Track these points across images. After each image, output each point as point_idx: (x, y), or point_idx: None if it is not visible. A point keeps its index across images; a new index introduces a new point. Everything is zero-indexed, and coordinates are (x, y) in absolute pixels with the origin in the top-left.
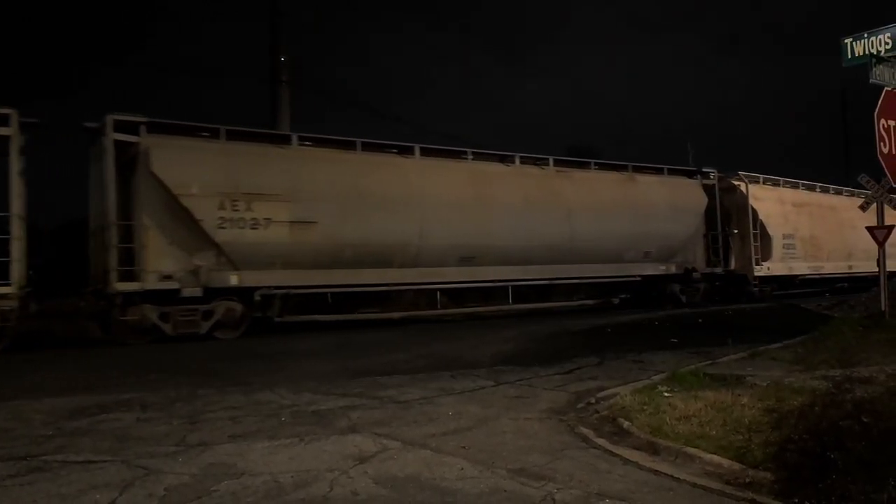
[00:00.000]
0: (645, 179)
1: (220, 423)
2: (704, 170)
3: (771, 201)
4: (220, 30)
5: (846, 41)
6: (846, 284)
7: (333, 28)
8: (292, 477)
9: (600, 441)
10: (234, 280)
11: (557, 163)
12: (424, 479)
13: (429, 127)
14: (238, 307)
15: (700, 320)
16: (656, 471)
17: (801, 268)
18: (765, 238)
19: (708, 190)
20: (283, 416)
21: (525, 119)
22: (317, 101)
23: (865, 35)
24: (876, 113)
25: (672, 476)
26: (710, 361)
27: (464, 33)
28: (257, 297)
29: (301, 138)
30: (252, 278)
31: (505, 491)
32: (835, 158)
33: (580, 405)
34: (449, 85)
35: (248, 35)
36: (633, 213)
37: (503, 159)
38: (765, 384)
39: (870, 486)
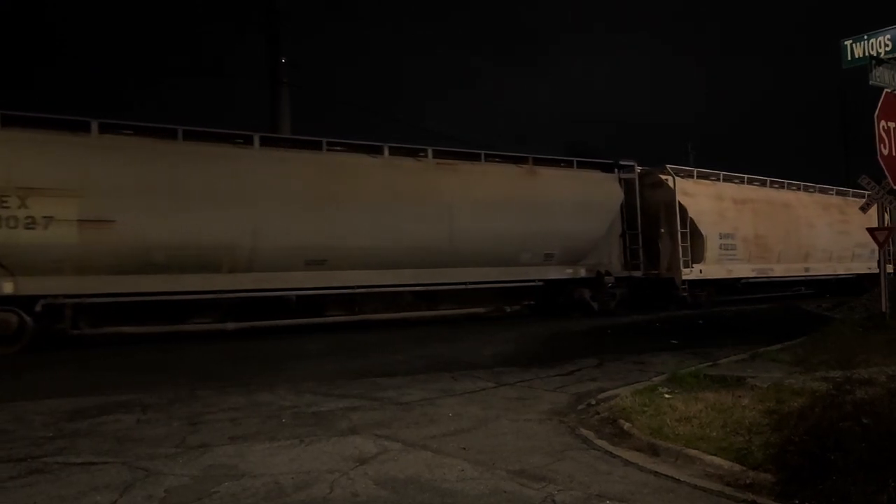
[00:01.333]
0: (549, 173)
1: (220, 424)
2: (623, 163)
3: (705, 197)
4: (220, 31)
5: (846, 43)
6: (803, 288)
7: (333, 29)
8: (293, 478)
9: (601, 442)
10: (7, 288)
11: (439, 154)
12: (425, 481)
13: (431, 128)
14: (13, 318)
15: (700, 321)
16: (657, 472)
17: (743, 270)
18: (696, 238)
19: (628, 185)
20: (283, 417)
21: (525, 119)
22: (317, 101)
23: (865, 37)
24: (876, 115)
25: (672, 477)
26: (710, 363)
27: (464, 34)
28: (38, 308)
29: (104, 126)
30: (33, 285)
31: (505, 492)
32: (835, 159)
33: (581, 406)
34: (449, 86)
35: (249, 36)
36: (530, 210)
37: (370, 150)
38: (765, 385)
39: (870, 487)
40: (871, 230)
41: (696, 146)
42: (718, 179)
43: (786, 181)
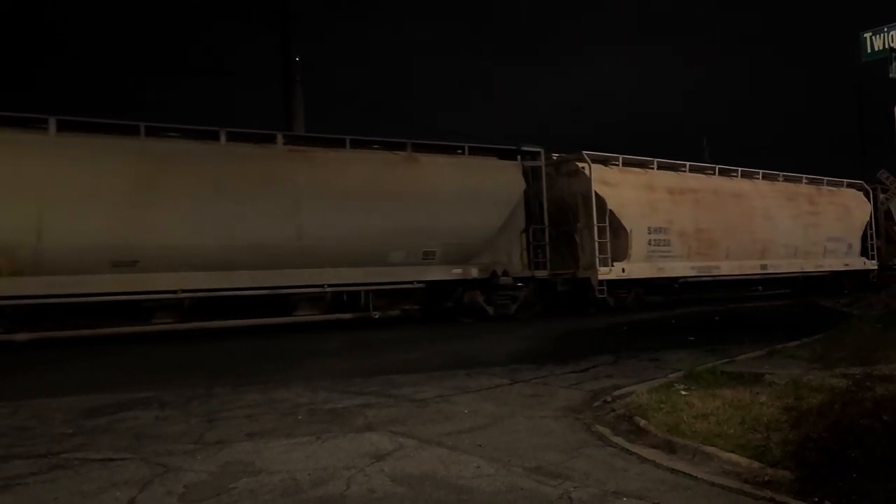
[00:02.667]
0: (432, 160)
1: (237, 421)
2: (528, 148)
3: (631, 187)
4: (231, 31)
5: (865, 35)
6: (760, 288)
7: (344, 29)
8: (309, 475)
9: (617, 439)
10: None
11: (291, 140)
12: (441, 477)
13: (439, 125)
14: None
15: (717, 318)
16: (674, 469)
17: (680, 268)
18: (619, 233)
19: (534, 174)
20: (299, 414)
21: (536, 118)
22: (329, 100)
23: (885, 29)
24: None
25: (690, 475)
26: (727, 359)
27: (474, 31)
28: None
29: None
30: None
31: (521, 489)
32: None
33: (596, 403)
34: (460, 83)
35: (259, 36)
36: (404, 202)
37: (204, 136)
38: (783, 382)
39: (891, 484)
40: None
41: (713, 144)
42: (653, 167)
43: (740, 168)
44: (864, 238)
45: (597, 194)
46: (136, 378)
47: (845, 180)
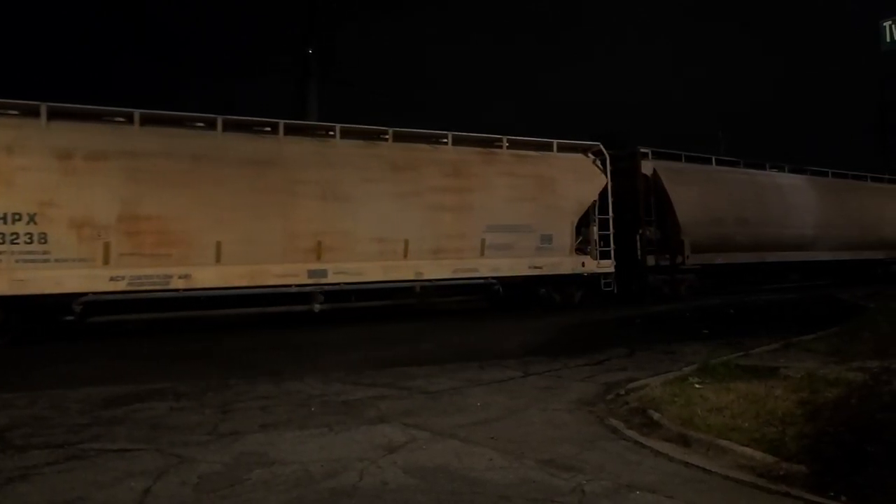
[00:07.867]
0: None
1: (251, 412)
2: None
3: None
4: (245, 23)
5: (885, 24)
6: (318, 306)
7: (365, 20)
8: (322, 466)
9: (630, 433)
10: None
11: None
12: (453, 469)
13: (452, 113)
14: None
15: (731, 311)
16: (687, 463)
17: (76, 280)
18: None
19: None
20: (312, 405)
21: (562, 105)
22: (344, 92)
23: None
24: None
25: (704, 468)
26: (742, 353)
27: (501, 19)
28: None
29: None
30: None
31: (534, 482)
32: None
33: (610, 396)
34: (483, 69)
35: (278, 29)
36: None
37: None
38: (799, 376)
39: None
40: None
41: (742, 136)
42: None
43: (284, 122)
44: (596, 227)
45: None
46: (154, 369)
47: (556, 141)
